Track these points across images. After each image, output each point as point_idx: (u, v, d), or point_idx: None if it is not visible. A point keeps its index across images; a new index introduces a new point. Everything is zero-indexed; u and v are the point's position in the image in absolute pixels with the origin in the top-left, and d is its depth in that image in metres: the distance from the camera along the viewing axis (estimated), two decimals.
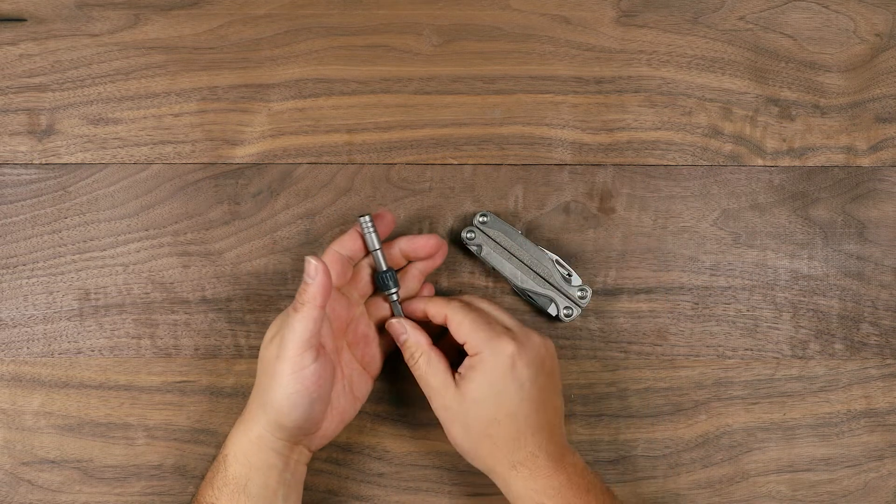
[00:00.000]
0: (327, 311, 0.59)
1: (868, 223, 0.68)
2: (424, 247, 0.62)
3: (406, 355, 0.60)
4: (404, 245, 0.62)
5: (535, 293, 0.65)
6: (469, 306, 0.61)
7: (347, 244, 0.60)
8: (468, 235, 0.65)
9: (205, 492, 0.57)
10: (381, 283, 0.61)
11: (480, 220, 0.65)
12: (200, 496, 0.57)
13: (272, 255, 0.67)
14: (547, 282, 0.65)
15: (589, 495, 0.57)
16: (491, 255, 0.65)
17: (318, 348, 0.56)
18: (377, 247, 0.60)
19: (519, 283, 0.65)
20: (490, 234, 0.65)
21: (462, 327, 0.59)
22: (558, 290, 0.65)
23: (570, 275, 0.65)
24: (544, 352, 0.59)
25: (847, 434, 0.67)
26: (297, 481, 0.59)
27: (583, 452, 0.64)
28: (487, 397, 0.57)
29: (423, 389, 0.60)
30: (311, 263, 0.56)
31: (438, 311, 0.61)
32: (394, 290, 0.61)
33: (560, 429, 0.59)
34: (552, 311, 0.65)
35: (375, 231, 0.60)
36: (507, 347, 0.57)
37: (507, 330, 0.59)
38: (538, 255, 0.65)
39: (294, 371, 0.55)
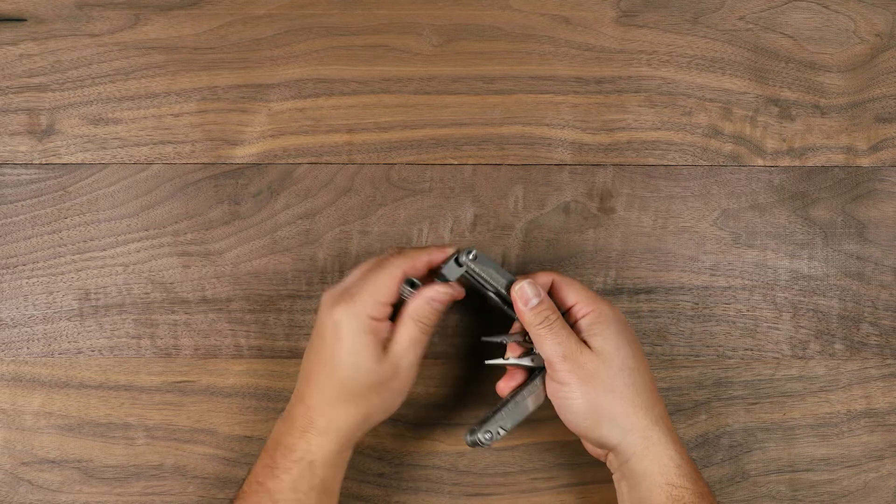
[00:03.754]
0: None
1: (868, 223, 0.68)
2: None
3: (538, 320, 0.58)
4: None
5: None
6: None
7: (419, 267, 0.59)
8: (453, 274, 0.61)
9: (286, 493, 0.56)
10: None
11: (468, 256, 0.60)
12: (280, 496, 0.56)
13: (272, 255, 0.67)
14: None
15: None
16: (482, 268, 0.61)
17: None
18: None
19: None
20: (474, 273, 0.61)
21: (573, 287, 0.60)
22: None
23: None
24: None
25: (847, 434, 0.67)
26: None
27: (584, 451, 0.64)
28: (621, 346, 0.58)
29: (554, 353, 0.58)
30: (445, 293, 0.59)
31: (544, 280, 0.61)
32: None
33: None
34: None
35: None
36: (614, 306, 0.60)
37: None
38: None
39: (411, 382, 0.59)
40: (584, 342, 0.58)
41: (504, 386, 0.62)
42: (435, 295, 0.58)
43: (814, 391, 0.67)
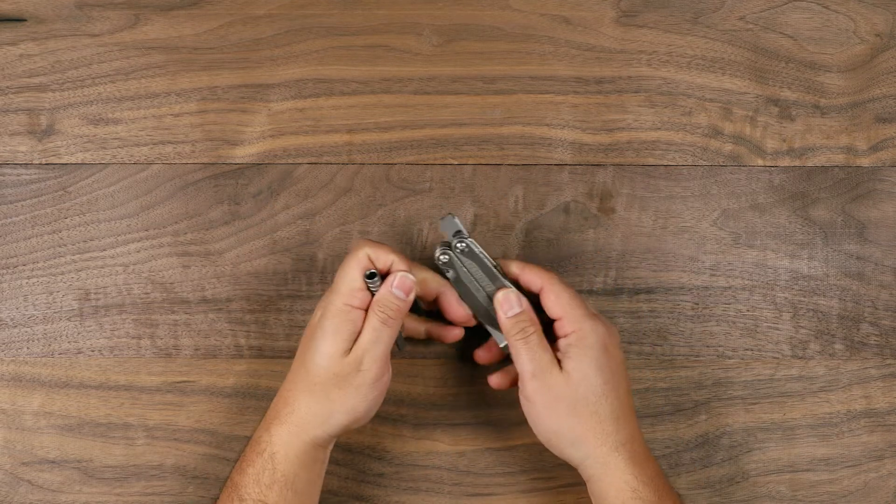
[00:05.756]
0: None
1: (868, 223, 0.68)
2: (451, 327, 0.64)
3: (515, 330, 0.58)
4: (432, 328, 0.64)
5: (493, 328, 0.62)
6: (564, 282, 0.60)
7: (381, 257, 0.59)
8: (442, 258, 0.61)
9: (250, 488, 0.57)
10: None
11: (458, 245, 0.61)
12: (245, 491, 0.57)
13: (272, 255, 0.67)
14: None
15: (674, 493, 0.58)
16: (460, 282, 0.61)
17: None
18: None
19: (480, 318, 0.62)
20: (465, 263, 0.61)
21: (561, 300, 0.59)
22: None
23: None
24: (618, 339, 0.60)
25: (847, 434, 0.67)
26: (327, 462, 0.61)
27: None
28: (593, 373, 0.57)
29: (527, 369, 0.58)
30: (409, 279, 0.58)
31: (535, 279, 0.60)
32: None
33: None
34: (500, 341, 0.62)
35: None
36: (599, 327, 0.58)
37: (594, 312, 0.60)
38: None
39: (376, 380, 0.57)
40: (559, 360, 0.58)
41: (483, 355, 0.64)
42: (396, 282, 0.58)
43: (814, 391, 0.67)
